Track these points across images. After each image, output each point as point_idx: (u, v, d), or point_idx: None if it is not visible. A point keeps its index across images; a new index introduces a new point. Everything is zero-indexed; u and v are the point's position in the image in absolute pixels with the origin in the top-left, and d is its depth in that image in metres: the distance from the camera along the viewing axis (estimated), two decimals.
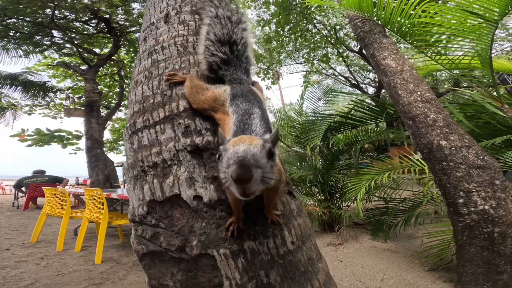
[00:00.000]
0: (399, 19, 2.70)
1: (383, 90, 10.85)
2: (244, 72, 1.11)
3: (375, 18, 2.83)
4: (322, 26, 8.85)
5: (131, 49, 9.15)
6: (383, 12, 2.72)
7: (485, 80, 4.73)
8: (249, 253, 0.77)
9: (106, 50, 9.56)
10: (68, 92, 10.59)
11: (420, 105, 2.42)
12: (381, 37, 2.72)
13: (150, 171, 0.94)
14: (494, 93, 3.09)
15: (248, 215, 0.82)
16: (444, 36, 3.08)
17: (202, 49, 1.12)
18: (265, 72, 10.87)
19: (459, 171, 2.04)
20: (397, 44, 2.84)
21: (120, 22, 7.63)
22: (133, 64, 10.33)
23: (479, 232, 1.90)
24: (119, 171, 8.69)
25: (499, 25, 2.50)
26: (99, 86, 9.49)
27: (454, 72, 3.46)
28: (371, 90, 12.22)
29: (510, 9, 2.27)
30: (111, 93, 11.34)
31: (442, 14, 2.80)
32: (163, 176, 0.90)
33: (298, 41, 8.84)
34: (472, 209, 1.94)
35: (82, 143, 11.32)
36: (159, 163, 0.92)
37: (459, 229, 2.00)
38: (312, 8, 7.78)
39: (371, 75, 12.20)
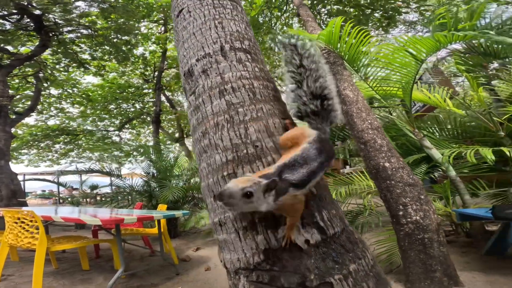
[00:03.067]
0: (354, 54, 3.22)
1: None
2: (328, 124, 1.20)
3: (337, 51, 3.28)
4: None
5: (59, 50, 7.98)
6: (344, 45, 3.18)
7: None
8: (353, 273, 0.98)
9: (22, 49, 8.11)
10: None
11: (370, 132, 2.82)
12: (342, 69, 3.17)
13: (262, 222, 1.02)
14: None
15: (342, 246, 1.04)
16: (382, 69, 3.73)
17: (292, 96, 1.21)
18: None
19: (398, 188, 2.44)
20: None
21: (55, 20, 6.67)
22: (57, 66, 9.00)
23: (415, 238, 2.28)
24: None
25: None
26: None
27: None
28: None
29: (434, 51, 2.81)
30: (18, 96, 9.55)
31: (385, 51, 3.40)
32: (276, 226, 1.01)
33: None
34: (409, 219, 2.33)
35: None
36: (269, 215, 1.01)
37: (401, 236, 2.37)
38: (277, 29, 8.31)
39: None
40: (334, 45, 3.16)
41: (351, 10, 6.11)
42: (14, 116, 8.02)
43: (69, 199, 7.79)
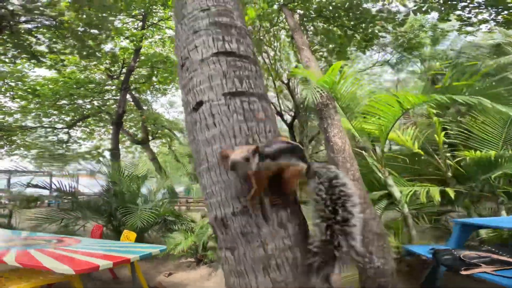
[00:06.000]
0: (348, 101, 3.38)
1: (296, 121, 12.33)
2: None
3: (332, 95, 3.34)
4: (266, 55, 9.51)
5: (8, 40, 6.84)
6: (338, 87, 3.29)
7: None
8: None
9: None
10: None
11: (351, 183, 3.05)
12: (334, 114, 3.22)
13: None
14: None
15: None
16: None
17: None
18: None
19: (368, 237, 2.68)
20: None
21: (12, 9, 5.69)
22: (2, 57, 7.68)
23: (375, 281, 2.56)
24: None
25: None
26: None
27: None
28: (287, 117, 13.31)
29: (421, 104, 3.11)
30: None
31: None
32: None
33: None
34: (372, 265, 2.59)
35: None
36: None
37: (363, 279, 2.64)
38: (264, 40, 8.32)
39: (290, 105, 13.35)
40: (330, 88, 3.25)
41: (335, 29, 6.44)
42: None
43: None
